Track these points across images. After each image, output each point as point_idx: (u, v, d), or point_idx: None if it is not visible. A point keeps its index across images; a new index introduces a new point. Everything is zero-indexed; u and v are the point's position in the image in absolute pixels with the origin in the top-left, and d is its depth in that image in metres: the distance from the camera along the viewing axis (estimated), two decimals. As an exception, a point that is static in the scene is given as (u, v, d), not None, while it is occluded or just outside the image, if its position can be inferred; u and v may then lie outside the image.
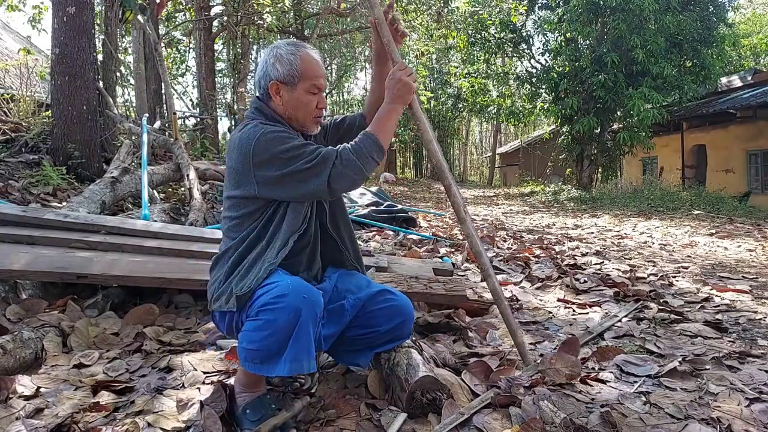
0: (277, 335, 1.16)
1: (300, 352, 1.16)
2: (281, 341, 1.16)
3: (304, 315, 1.16)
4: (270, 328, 1.15)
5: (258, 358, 1.18)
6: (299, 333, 1.16)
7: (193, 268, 2.14)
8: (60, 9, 4.53)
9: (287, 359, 1.16)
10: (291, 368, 1.16)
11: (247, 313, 1.23)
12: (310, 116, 1.38)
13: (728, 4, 13.84)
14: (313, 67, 1.35)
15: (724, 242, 4.96)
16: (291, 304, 1.15)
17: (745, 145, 11.64)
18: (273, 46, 1.39)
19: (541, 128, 24.68)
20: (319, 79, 1.36)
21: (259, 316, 1.18)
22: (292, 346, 1.16)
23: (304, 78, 1.34)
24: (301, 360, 1.17)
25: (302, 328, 1.16)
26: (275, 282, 1.21)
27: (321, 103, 1.38)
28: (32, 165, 4.43)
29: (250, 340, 1.19)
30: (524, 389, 1.41)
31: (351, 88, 29.64)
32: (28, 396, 1.38)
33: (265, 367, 1.18)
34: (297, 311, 1.15)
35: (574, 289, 2.74)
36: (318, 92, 1.37)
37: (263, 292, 1.21)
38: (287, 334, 1.16)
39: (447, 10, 14.77)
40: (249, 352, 1.19)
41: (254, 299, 1.22)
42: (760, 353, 1.73)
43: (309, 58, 1.35)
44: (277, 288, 1.18)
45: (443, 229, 5.46)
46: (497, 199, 13.26)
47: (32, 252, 2.11)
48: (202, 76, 11.23)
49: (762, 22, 22.82)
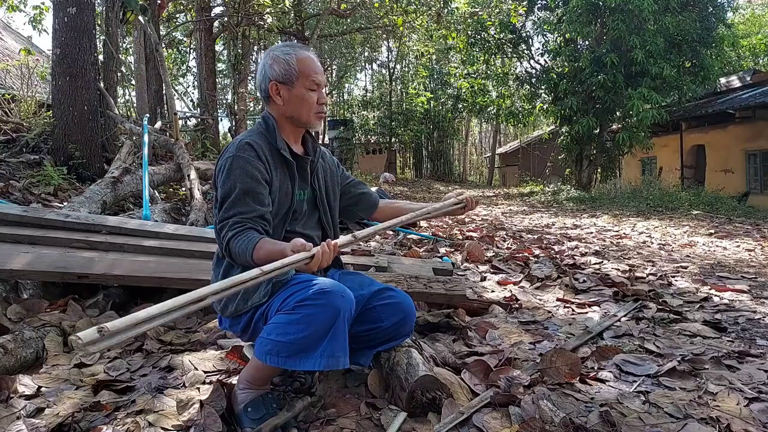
0: (315, 330, 1.18)
1: (337, 349, 1.20)
2: (318, 337, 1.19)
3: (342, 313, 1.20)
4: (309, 322, 1.18)
5: (287, 351, 1.19)
6: (337, 330, 1.20)
7: (193, 268, 2.14)
8: (61, 9, 4.54)
9: (323, 354, 1.19)
10: (327, 363, 1.20)
11: (278, 308, 1.23)
12: (312, 112, 1.40)
13: (727, 4, 13.83)
14: (309, 64, 1.37)
15: (723, 242, 4.97)
16: (332, 302, 1.19)
17: (744, 145, 11.65)
18: (269, 50, 1.42)
19: (541, 129, 24.68)
20: (316, 75, 1.38)
21: (297, 310, 1.19)
22: (329, 342, 1.19)
23: (301, 75, 1.36)
24: (339, 356, 1.21)
25: (340, 325, 1.20)
26: (310, 279, 1.25)
27: (321, 99, 1.40)
28: (33, 165, 4.44)
29: (283, 333, 1.19)
30: (524, 388, 1.42)
31: (351, 88, 29.65)
32: (29, 395, 1.38)
33: (291, 360, 1.20)
34: (337, 309, 1.19)
35: (574, 289, 2.74)
36: (317, 88, 1.39)
37: (298, 288, 1.22)
38: (325, 331, 1.19)
39: (447, 11, 14.76)
40: (279, 345, 1.19)
41: (289, 292, 1.23)
42: (758, 353, 1.74)
43: (304, 56, 1.38)
44: (317, 285, 1.21)
45: (443, 229, 5.46)
46: (497, 199, 13.26)
47: (33, 252, 2.11)
48: (202, 76, 11.22)
49: (761, 23, 22.83)
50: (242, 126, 10.39)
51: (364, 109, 26.22)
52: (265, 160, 1.34)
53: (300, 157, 1.44)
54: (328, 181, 1.53)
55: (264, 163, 1.33)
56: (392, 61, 26.60)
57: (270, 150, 1.36)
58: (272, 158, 1.36)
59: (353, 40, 19.06)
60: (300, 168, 1.44)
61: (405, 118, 25.53)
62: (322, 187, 1.50)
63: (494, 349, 1.80)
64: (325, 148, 1.64)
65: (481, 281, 2.98)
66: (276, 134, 1.39)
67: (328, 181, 1.54)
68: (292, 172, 1.39)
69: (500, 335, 1.96)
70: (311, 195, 1.48)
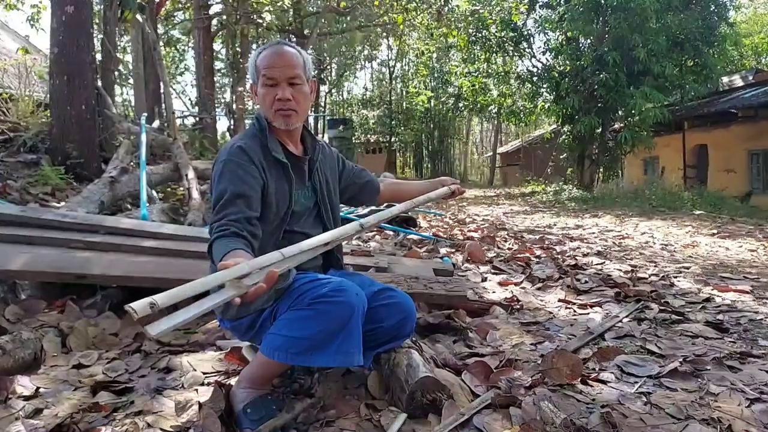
0: (330, 327, 1.18)
1: (351, 346, 1.21)
2: (332, 334, 1.19)
3: (357, 311, 1.20)
4: (325, 319, 1.18)
5: (298, 348, 1.18)
6: (351, 327, 1.20)
7: (192, 268, 2.13)
8: (59, 8, 4.52)
9: (338, 351, 1.19)
10: (342, 360, 1.21)
11: (290, 305, 1.22)
12: (271, 110, 1.35)
13: (730, 3, 13.80)
14: (266, 59, 1.33)
15: (726, 242, 4.95)
16: (348, 300, 1.19)
17: (747, 144, 11.62)
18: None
19: (542, 128, 24.62)
20: (269, 70, 1.31)
21: (312, 306, 1.18)
22: (344, 340, 1.20)
23: (258, 72, 1.34)
24: (353, 353, 1.21)
25: (355, 323, 1.21)
26: (322, 277, 1.25)
27: (280, 95, 1.32)
28: (31, 165, 4.43)
29: (295, 328, 1.19)
30: (524, 390, 1.41)
31: (351, 87, 29.67)
32: (28, 396, 1.37)
33: (301, 357, 1.19)
34: (353, 306, 1.19)
35: (575, 290, 2.73)
36: (273, 84, 1.33)
37: (312, 286, 1.22)
38: (339, 328, 1.19)
39: (447, 9, 14.74)
40: (290, 340, 1.19)
41: (299, 292, 1.22)
42: (761, 354, 1.73)
43: (267, 52, 1.34)
44: (332, 283, 1.21)
45: (443, 229, 5.45)
46: (498, 199, 13.24)
47: (31, 252, 2.10)
48: (201, 75, 11.22)
49: (763, 22, 22.77)
50: (240, 125, 10.39)
51: (364, 108, 26.22)
52: (259, 163, 1.31)
53: (297, 157, 1.42)
54: (329, 179, 1.52)
55: (257, 166, 1.30)
56: (392, 59, 26.59)
57: (263, 152, 1.34)
58: (266, 161, 1.34)
59: (353, 39, 19.05)
60: (297, 168, 1.42)
61: (405, 117, 25.53)
62: (323, 187, 1.48)
63: (495, 350, 1.79)
64: (325, 143, 1.63)
65: (482, 282, 2.97)
66: (268, 135, 1.37)
67: (329, 178, 1.52)
68: (287, 173, 1.37)
69: (501, 336, 1.95)
70: (311, 194, 1.46)
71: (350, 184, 1.64)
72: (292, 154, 1.41)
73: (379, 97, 26.51)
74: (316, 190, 1.46)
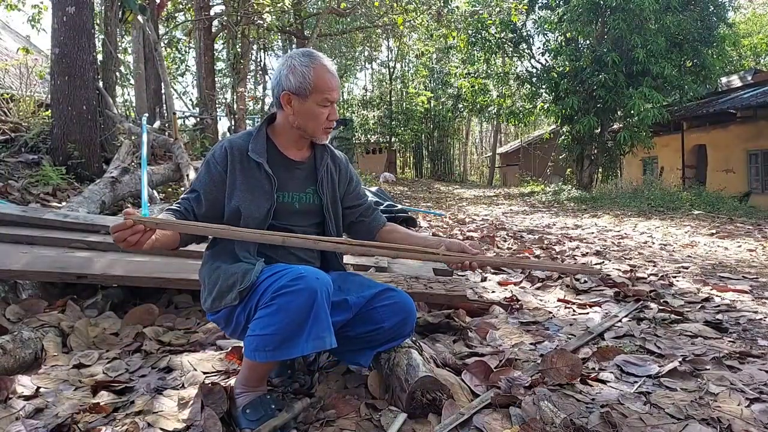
0: (295, 316, 1.17)
1: (321, 330, 1.20)
2: (300, 322, 1.18)
3: (320, 294, 1.19)
4: (288, 309, 1.17)
5: (273, 344, 1.18)
6: (318, 311, 1.19)
7: (192, 268, 2.13)
8: (60, 9, 4.53)
9: (309, 338, 1.18)
10: (314, 345, 1.19)
11: (256, 303, 1.23)
12: (321, 128, 1.41)
13: (728, 3, 13.82)
14: (325, 80, 1.36)
15: (725, 242, 4.96)
16: (309, 285, 1.18)
17: (746, 145, 11.63)
18: (288, 56, 1.39)
19: (542, 128, 24.65)
20: (331, 92, 1.37)
21: (274, 300, 1.19)
22: (313, 325, 1.19)
23: (315, 90, 1.35)
24: (324, 337, 1.20)
25: (320, 306, 1.19)
26: (283, 269, 1.24)
27: (332, 115, 1.40)
28: (32, 165, 4.43)
29: (265, 325, 1.19)
30: (524, 389, 1.41)
31: (351, 88, 29.65)
32: (28, 396, 1.37)
33: (279, 352, 1.19)
34: (313, 291, 1.18)
35: (575, 289, 2.74)
36: (329, 105, 1.38)
37: (273, 281, 1.22)
38: (306, 315, 1.18)
39: (447, 10, 14.76)
40: (263, 339, 1.19)
41: (263, 288, 1.23)
42: (760, 353, 1.73)
43: (322, 71, 1.36)
44: (289, 272, 1.21)
45: (443, 229, 5.46)
46: (497, 199, 13.25)
47: (32, 252, 2.11)
48: (201, 75, 11.23)
49: (762, 22, 22.80)
50: (241, 125, 10.38)
51: (364, 109, 26.22)
52: (231, 161, 1.38)
53: (292, 161, 1.45)
54: (335, 188, 1.53)
55: (229, 163, 1.38)
56: (392, 60, 26.61)
57: (242, 152, 1.40)
58: (244, 159, 1.39)
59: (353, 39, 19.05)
60: (292, 171, 1.44)
61: (405, 117, 25.53)
62: (328, 195, 1.49)
63: (495, 349, 1.79)
64: (343, 154, 1.61)
65: (481, 282, 2.98)
66: (260, 138, 1.41)
67: (336, 186, 1.53)
68: (267, 173, 1.39)
69: (501, 336, 1.95)
70: (314, 198, 1.48)
71: (349, 206, 1.57)
72: (287, 158, 1.45)
73: (379, 97, 26.51)
74: (320, 195, 1.48)
